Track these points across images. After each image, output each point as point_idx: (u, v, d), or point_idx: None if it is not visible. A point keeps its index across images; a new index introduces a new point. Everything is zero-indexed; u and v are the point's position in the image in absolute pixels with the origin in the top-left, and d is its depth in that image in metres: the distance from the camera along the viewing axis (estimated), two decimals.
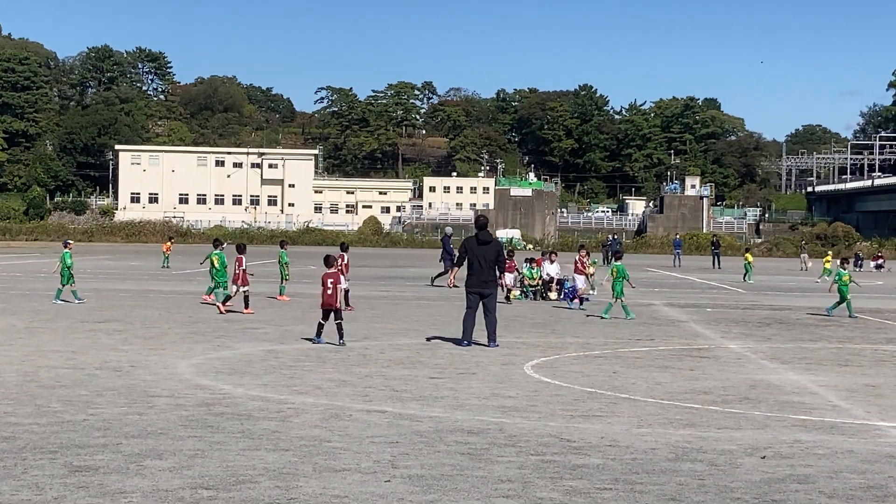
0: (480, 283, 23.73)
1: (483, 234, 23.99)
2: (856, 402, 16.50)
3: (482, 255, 23.72)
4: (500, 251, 23.96)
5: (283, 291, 38.18)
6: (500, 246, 24.19)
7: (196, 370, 18.78)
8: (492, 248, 23.81)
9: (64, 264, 34.67)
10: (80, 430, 13.08)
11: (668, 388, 17.74)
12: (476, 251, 23.82)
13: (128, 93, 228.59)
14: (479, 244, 23.89)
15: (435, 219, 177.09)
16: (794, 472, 11.46)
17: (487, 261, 23.68)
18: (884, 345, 25.85)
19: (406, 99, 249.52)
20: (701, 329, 29.30)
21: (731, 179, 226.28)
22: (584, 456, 12.08)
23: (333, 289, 23.18)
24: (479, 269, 23.73)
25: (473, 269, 23.83)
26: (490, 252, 23.75)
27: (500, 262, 23.97)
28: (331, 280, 23.21)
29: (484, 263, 23.67)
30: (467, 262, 24.06)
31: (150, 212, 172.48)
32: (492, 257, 23.72)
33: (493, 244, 23.93)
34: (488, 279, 23.75)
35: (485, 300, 23.73)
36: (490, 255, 23.73)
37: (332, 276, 23.30)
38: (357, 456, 11.82)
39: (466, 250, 24.05)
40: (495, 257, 23.75)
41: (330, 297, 23.19)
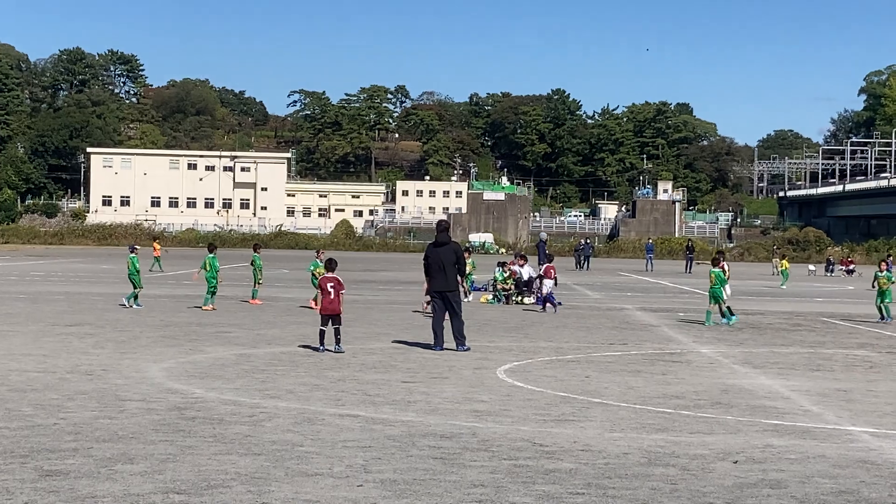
0: (440, 285, 23.76)
1: (441, 237, 24.10)
2: (827, 407, 16.55)
3: (441, 257, 23.78)
4: (457, 252, 23.96)
5: (255, 295, 38.09)
6: (457, 247, 24.19)
7: (168, 374, 18.72)
8: (449, 250, 23.87)
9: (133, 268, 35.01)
10: (51, 434, 13.02)
11: (640, 392, 17.76)
12: (434, 254, 23.91)
13: (100, 95, 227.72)
14: (436, 247, 23.98)
15: (408, 223, 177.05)
16: (767, 476, 11.48)
17: (446, 263, 23.70)
18: (855, 350, 25.94)
19: (379, 103, 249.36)
20: (673, 333, 29.36)
21: (704, 184, 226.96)
22: (556, 460, 12.08)
23: (335, 294, 22.92)
24: (439, 271, 23.79)
25: (434, 272, 23.87)
26: (448, 254, 23.79)
27: (459, 264, 23.92)
28: (331, 284, 22.87)
29: (444, 266, 23.70)
30: (429, 267, 24.06)
31: (121, 215, 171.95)
32: (450, 259, 23.74)
33: (450, 246, 24.00)
34: (449, 281, 23.75)
35: (449, 303, 23.73)
36: (448, 256, 23.76)
37: (333, 280, 23.01)
38: (329, 460, 11.80)
39: (427, 256, 24.15)
40: (454, 259, 23.76)
41: (331, 302, 22.89)
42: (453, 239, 24.80)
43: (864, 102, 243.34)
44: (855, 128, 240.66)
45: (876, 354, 24.92)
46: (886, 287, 35.09)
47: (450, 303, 23.75)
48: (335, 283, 22.89)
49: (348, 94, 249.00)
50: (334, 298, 22.72)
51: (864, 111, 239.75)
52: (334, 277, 23.03)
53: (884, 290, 35.04)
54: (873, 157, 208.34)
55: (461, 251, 24.37)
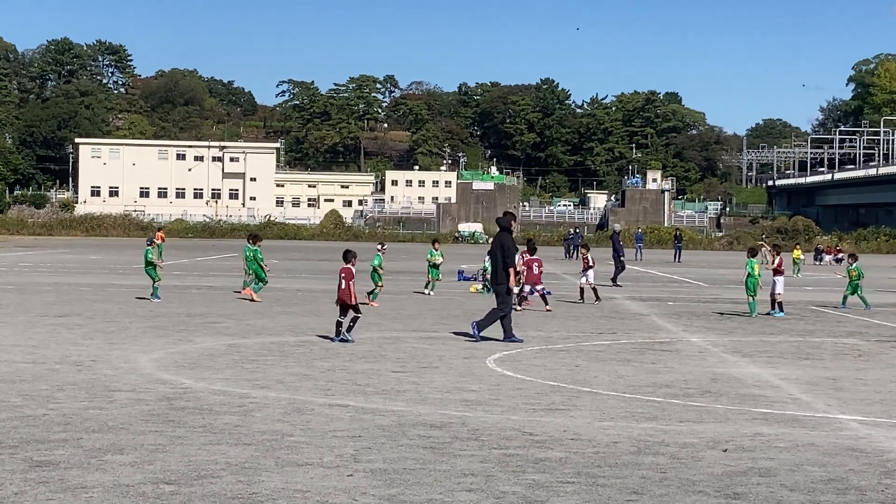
0: (494, 274, 23.90)
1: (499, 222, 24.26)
2: (817, 396, 16.58)
3: (492, 250, 23.91)
4: (502, 243, 23.60)
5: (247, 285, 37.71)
6: (503, 237, 23.78)
7: (157, 364, 18.71)
8: (495, 241, 23.91)
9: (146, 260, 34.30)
10: (41, 424, 13.00)
11: (630, 381, 17.78)
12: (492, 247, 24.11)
13: (88, 86, 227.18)
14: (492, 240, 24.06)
15: (397, 212, 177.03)
16: (756, 465, 11.50)
17: (494, 254, 23.75)
18: (844, 338, 25.98)
19: (368, 92, 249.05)
20: (663, 322, 29.39)
21: (693, 173, 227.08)
22: (546, 449, 12.09)
23: (346, 284, 22.81)
24: (493, 263, 23.91)
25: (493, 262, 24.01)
26: (494, 244, 23.88)
27: (504, 255, 23.49)
28: (343, 275, 22.85)
29: (494, 257, 23.75)
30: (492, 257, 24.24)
31: (110, 205, 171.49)
32: (494, 250, 23.77)
33: (497, 237, 23.96)
34: (496, 273, 23.76)
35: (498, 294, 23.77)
36: (494, 247, 23.83)
37: (345, 270, 22.94)
38: (319, 450, 11.80)
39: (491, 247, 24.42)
40: (498, 250, 23.62)
41: (343, 291, 22.76)
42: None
43: (852, 91, 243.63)
44: (843, 117, 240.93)
45: (865, 343, 24.97)
46: (857, 277, 35.27)
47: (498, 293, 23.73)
48: (346, 273, 22.85)
49: (337, 83, 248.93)
50: (345, 288, 22.66)
51: (853, 100, 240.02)
52: (347, 268, 22.97)
53: (855, 281, 35.24)
54: (862, 146, 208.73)
55: (507, 241, 23.80)
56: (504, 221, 24.18)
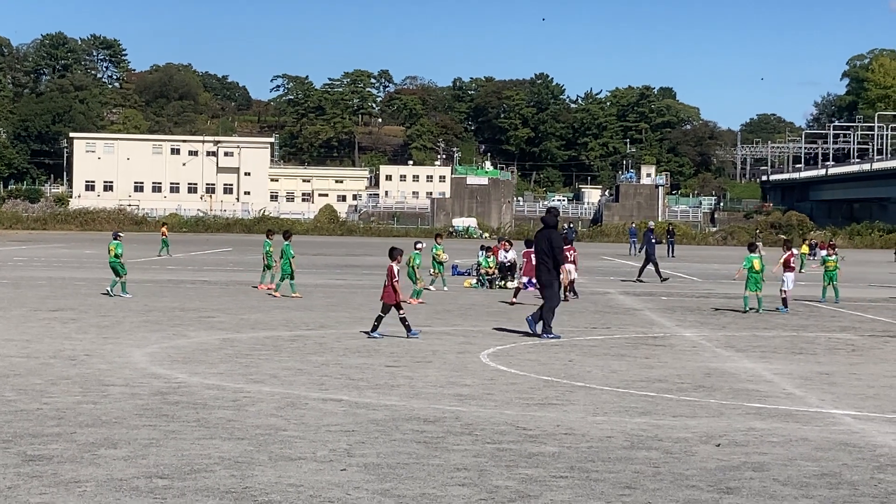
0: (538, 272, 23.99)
1: (546, 219, 24.33)
2: (810, 390, 16.60)
3: (537, 244, 23.97)
4: (550, 239, 23.71)
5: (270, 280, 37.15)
6: (550, 234, 23.91)
7: (151, 359, 18.70)
8: (543, 237, 23.92)
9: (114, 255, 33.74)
10: (34, 419, 13.00)
11: (623, 376, 17.80)
12: (536, 241, 24.22)
13: (82, 80, 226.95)
14: (538, 233, 24.20)
15: (391, 207, 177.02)
16: (749, 459, 11.52)
17: (541, 250, 23.79)
18: (837, 333, 26.02)
19: (362, 87, 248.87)
20: (656, 317, 29.41)
21: (687, 168, 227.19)
22: (539, 444, 12.10)
23: (389, 283, 22.68)
24: (537, 258, 24.00)
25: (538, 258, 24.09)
26: (541, 241, 23.90)
27: (552, 252, 23.62)
28: (387, 273, 22.71)
29: (541, 254, 23.81)
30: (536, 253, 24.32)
31: (104, 200, 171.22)
32: (541, 247, 23.78)
33: (544, 233, 23.99)
34: (540, 269, 23.82)
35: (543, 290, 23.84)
36: (540, 244, 23.84)
37: (389, 269, 22.86)
38: (313, 444, 11.80)
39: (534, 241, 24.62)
40: (546, 247, 23.66)
41: (385, 291, 22.68)
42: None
43: (846, 86, 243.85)
44: (837, 112, 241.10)
45: (858, 338, 25.00)
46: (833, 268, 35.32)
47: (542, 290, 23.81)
48: (390, 272, 22.78)
49: (332, 78, 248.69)
50: (388, 286, 22.59)
51: (847, 95, 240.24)
52: (391, 266, 22.90)
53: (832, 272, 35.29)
54: (856, 141, 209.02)
55: (556, 238, 23.91)
56: (551, 220, 24.31)
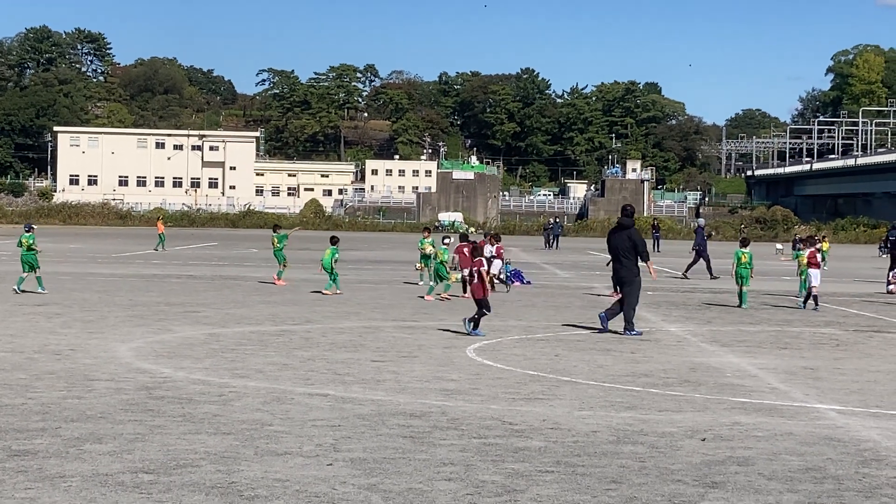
0: (616, 270, 24.15)
1: (622, 221, 24.34)
2: (795, 385, 16.63)
3: (616, 243, 24.00)
4: (632, 237, 23.88)
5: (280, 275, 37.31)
6: (632, 233, 24.08)
7: (136, 354, 18.68)
8: (624, 236, 23.99)
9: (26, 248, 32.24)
10: (19, 414, 12.98)
11: (609, 370, 17.82)
12: (611, 240, 24.25)
13: (67, 74, 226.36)
14: (614, 232, 24.28)
15: (377, 202, 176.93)
16: (734, 454, 11.54)
17: (621, 249, 23.83)
18: (822, 328, 26.07)
19: (348, 82, 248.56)
20: (642, 312, 29.37)
21: (672, 163, 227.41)
22: (526, 439, 12.11)
23: (479, 277, 22.63)
24: (615, 258, 24.08)
25: (612, 258, 24.31)
26: (622, 240, 23.93)
27: (637, 249, 23.81)
28: (475, 267, 22.65)
29: (618, 252, 23.87)
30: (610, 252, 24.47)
31: (89, 194, 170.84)
32: (624, 245, 23.83)
33: (626, 231, 24.07)
34: (622, 266, 23.88)
35: (621, 288, 23.91)
36: (623, 242, 23.88)
37: (478, 264, 22.79)
38: (299, 439, 11.80)
39: (608, 240, 24.66)
40: (628, 245, 23.77)
41: (477, 286, 22.63)
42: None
43: (831, 82, 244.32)
44: (822, 107, 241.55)
45: (842, 333, 25.06)
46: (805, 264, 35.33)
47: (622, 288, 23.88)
48: (478, 266, 22.71)
49: (317, 72, 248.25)
50: (478, 283, 22.55)
51: (832, 90, 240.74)
52: (479, 261, 22.82)
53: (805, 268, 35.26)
54: (840, 137, 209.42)
55: (637, 236, 24.11)
56: (629, 221, 24.43)
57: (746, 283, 31.81)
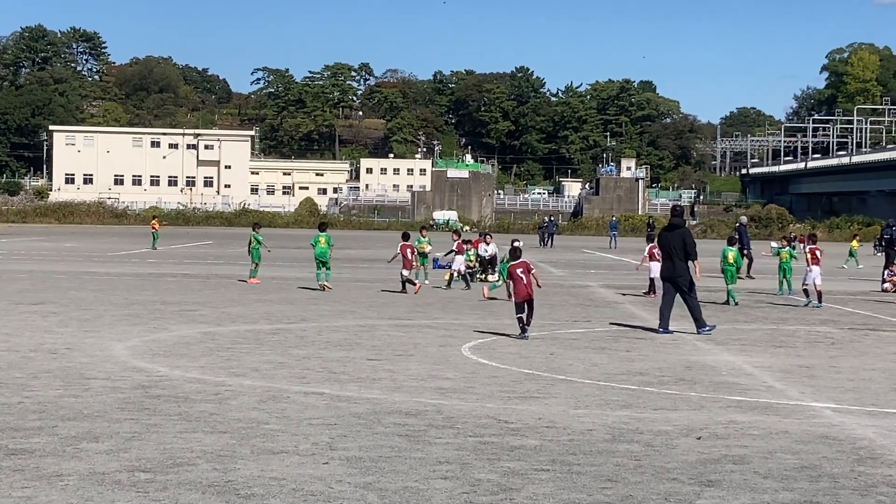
0: (668, 270, 24.12)
1: (674, 221, 24.49)
2: (790, 383, 16.65)
3: (669, 242, 24.06)
4: (685, 238, 24.08)
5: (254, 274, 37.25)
6: (685, 232, 24.34)
7: (132, 352, 18.67)
8: (677, 235, 24.10)
9: None
10: (16, 412, 12.98)
11: (604, 369, 17.83)
12: (665, 239, 24.32)
13: (62, 73, 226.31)
14: (667, 231, 24.41)
15: (372, 200, 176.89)
16: (730, 452, 11.56)
17: (675, 249, 23.91)
18: (817, 326, 26.09)
19: (343, 80, 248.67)
20: (637, 310, 29.45)
21: (667, 161, 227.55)
22: (521, 437, 12.12)
23: (527, 278, 22.39)
24: (667, 257, 24.16)
25: (664, 257, 24.39)
26: (676, 239, 24.02)
27: (688, 249, 23.97)
28: (520, 270, 22.42)
29: (672, 251, 23.94)
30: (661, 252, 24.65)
31: (84, 193, 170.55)
32: (678, 245, 23.93)
33: (679, 231, 24.22)
34: (675, 267, 23.94)
35: (678, 287, 23.94)
36: (676, 242, 23.97)
37: (521, 265, 22.63)
38: (295, 438, 11.81)
39: (658, 239, 25.02)
40: (682, 245, 23.90)
41: (525, 286, 22.34)
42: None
43: (825, 80, 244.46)
44: (817, 105, 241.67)
45: (838, 331, 25.08)
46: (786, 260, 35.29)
47: (679, 287, 23.91)
48: (524, 267, 22.66)
49: (312, 71, 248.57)
50: (527, 282, 22.38)
51: (826, 89, 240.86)
52: (522, 262, 22.76)
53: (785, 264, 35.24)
54: (835, 135, 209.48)
55: (689, 236, 24.37)
56: (680, 220, 24.63)
57: (732, 280, 31.98)
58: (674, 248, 23.93)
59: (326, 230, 35.69)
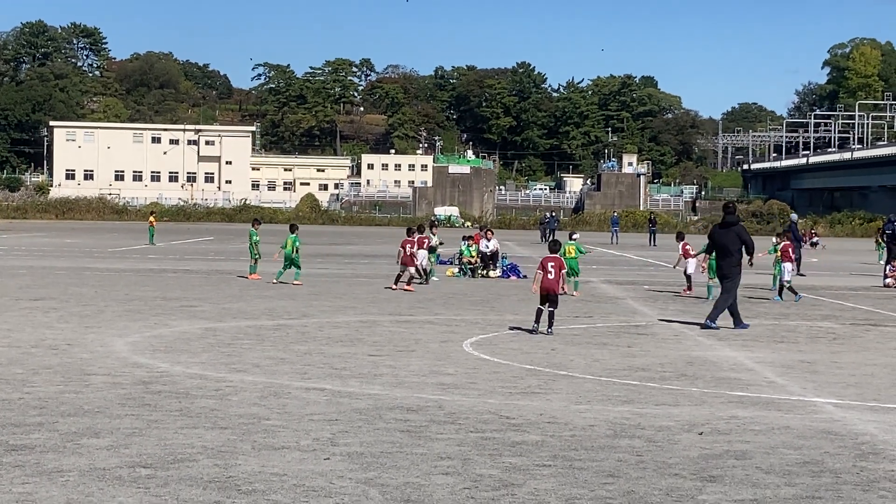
0: (720, 267, 24.36)
1: (728, 218, 24.51)
2: (792, 379, 16.63)
3: (723, 240, 24.22)
4: (740, 235, 24.28)
5: (254, 270, 37.22)
6: (740, 230, 24.48)
7: (133, 348, 18.66)
8: (732, 233, 24.25)
9: None
10: (16, 408, 12.96)
11: (606, 364, 17.81)
12: (718, 236, 24.43)
13: (63, 69, 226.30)
14: (721, 228, 24.48)
15: (373, 196, 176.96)
16: (732, 447, 11.54)
17: (729, 246, 24.07)
18: (819, 321, 26.07)
19: (344, 76, 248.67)
20: (638, 306, 29.44)
21: (668, 157, 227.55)
22: (523, 433, 12.10)
23: (556, 274, 22.35)
24: (720, 254, 24.34)
25: (717, 254, 24.65)
26: (730, 237, 24.18)
27: (745, 246, 24.28)
28: (551, 264, 22.30)
29: (725, 249, 24.13)
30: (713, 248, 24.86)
31: (85, 189, 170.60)
32: (733, 243, 24.11)
33: (734, 228, 24.33)
34: (727, 263, 24.12)
35: (722, 282, 24.22)
36: (731, 240, 24.13)
37: (555, 259, 22.57)
38: (296, 434, 11.79)
39: (711, 236, 25.00)
40: (737, 243, 24.13)
41: (551, 281, 22.24)
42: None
43: (827, 75, 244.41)
44: (819, 100, 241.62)
45: (839, 326, 25.07)
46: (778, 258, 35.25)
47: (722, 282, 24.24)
48: (556, 263, 22.60)
49: (313, 67, 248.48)
50: (554, 278, 22.31)
51: (828, 84, 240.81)
52: (556, 258, 22.72)
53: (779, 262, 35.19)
54: (837, 130, 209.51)
55: (745, 233, 24.58)
56: (734, 217, 24.64)
57: (713, 275, 31.97)
58: (729, 244, 24.09)
59: (294, 232, 35.80)
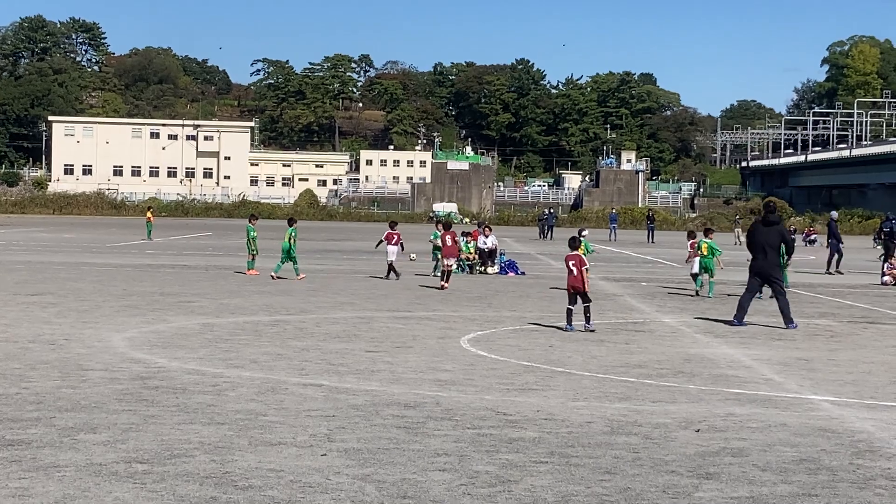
0: (759, 266, 24.12)
1: (770, 217, 24.42)
2: (789, 376, 16.64)
3: (764, 238, 24.03)
4: (783, 234, 24.25)
5: (251, 266, 37.24)
6: (783, 229, 24.48)
7: (130, 344, 18.66)
8: (774, 232, 24.11)
9: None
10: (13, 403, 12.96)
11: (603, 361, 17.82)
12: (760, 234, 24.21)
13: (61, 64, 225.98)
14: (764, 226, 24.30)
15: (371, 192, 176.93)
16: (728, 445, 11.54)
17: (769, 245, 23.94)
18: (816, 319, 26.07)
19: (343, 72, 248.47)
20: (636, 303, 29.44)
21: (667, 154, 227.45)
22: (520, 429, 12.11)
23: (578, 271, 22.33)
24: (760, 251, 24.11)
25: (756, 252, 24.24)
26: (773, 235, 24.04)
27: (786, 245, 24.30)
28: (572, 262, 22.33)
29: (766, 247, 23.96)
30: (753, 246, 24.43)
31: (83, 184, 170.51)
32: (775, 242, 23.99)
33: (777, 227, 24.25)
34: (769, 263, 24.00)
35: (768, 283, 24.13)
36: (773, 239, 24.00)
37: (574, 258, 22.56)
38: (293, 430, 11.79)
39: (751, 234, 24.62)
40: (778, 242, 24.02)
41: (575, 279, 22.28)
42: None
43: (826, 73, 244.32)
44: (817, 98, 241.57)
45: (837, 324, 25.08)
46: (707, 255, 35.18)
47: (770, 282, 24.14)
48: (576, 260, 22.57)
49: (312, 63, 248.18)
50: (577, 275, 22.33)
51: (827, 81, 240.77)
52: (576, 255, 22.70)
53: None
54: (835, 128, 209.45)
55: (787, 232, 24.60)
56: (776, 217, 24.60)
57: (711, 273, 32.11)
58: (769, 243, 23.98)
59: (293, 225, 35.90)
